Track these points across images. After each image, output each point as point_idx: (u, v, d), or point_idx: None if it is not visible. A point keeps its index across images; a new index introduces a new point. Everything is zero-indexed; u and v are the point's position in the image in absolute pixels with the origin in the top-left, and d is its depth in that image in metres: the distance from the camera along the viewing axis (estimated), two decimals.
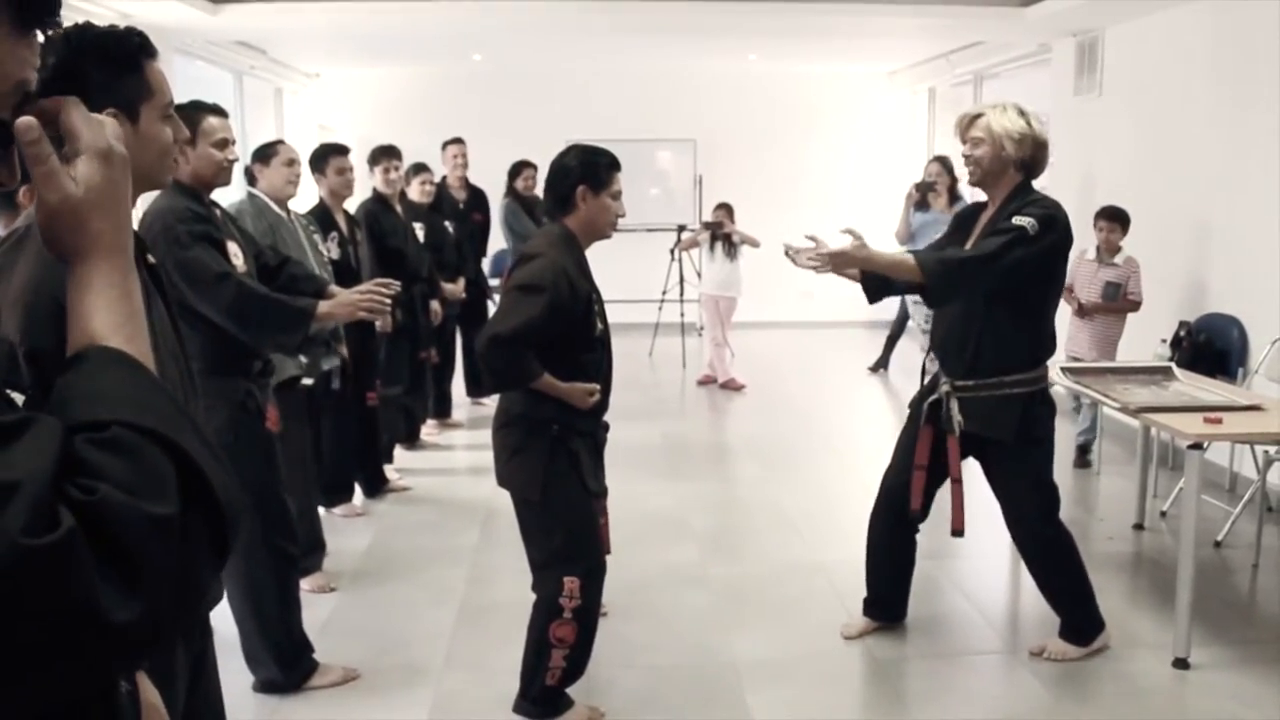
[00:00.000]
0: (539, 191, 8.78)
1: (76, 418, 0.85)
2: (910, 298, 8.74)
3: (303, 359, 4.51)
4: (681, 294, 10.17)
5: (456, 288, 6.94)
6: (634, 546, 5.06)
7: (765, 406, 8.41)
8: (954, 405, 3.75)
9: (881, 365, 9.63)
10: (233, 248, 3.48)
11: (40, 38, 0.99)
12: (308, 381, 4.56)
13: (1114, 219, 6.21)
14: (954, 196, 7.87)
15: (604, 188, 3.38)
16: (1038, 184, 3.78)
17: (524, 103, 11.64)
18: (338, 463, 5.39)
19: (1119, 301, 6.12)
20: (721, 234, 8.97)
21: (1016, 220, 3.52)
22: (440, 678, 3.71)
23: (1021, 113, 3.66)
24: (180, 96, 1.94)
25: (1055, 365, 5.16)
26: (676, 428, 7.77)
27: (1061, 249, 3.65)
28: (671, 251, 10.12)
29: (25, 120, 0.95)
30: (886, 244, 4.13)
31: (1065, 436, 7.12)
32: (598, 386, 3.30)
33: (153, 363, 0.99)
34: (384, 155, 6.17)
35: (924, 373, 4.03)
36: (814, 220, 12.69)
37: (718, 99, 11.91)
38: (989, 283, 3.57)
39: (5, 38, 0.95)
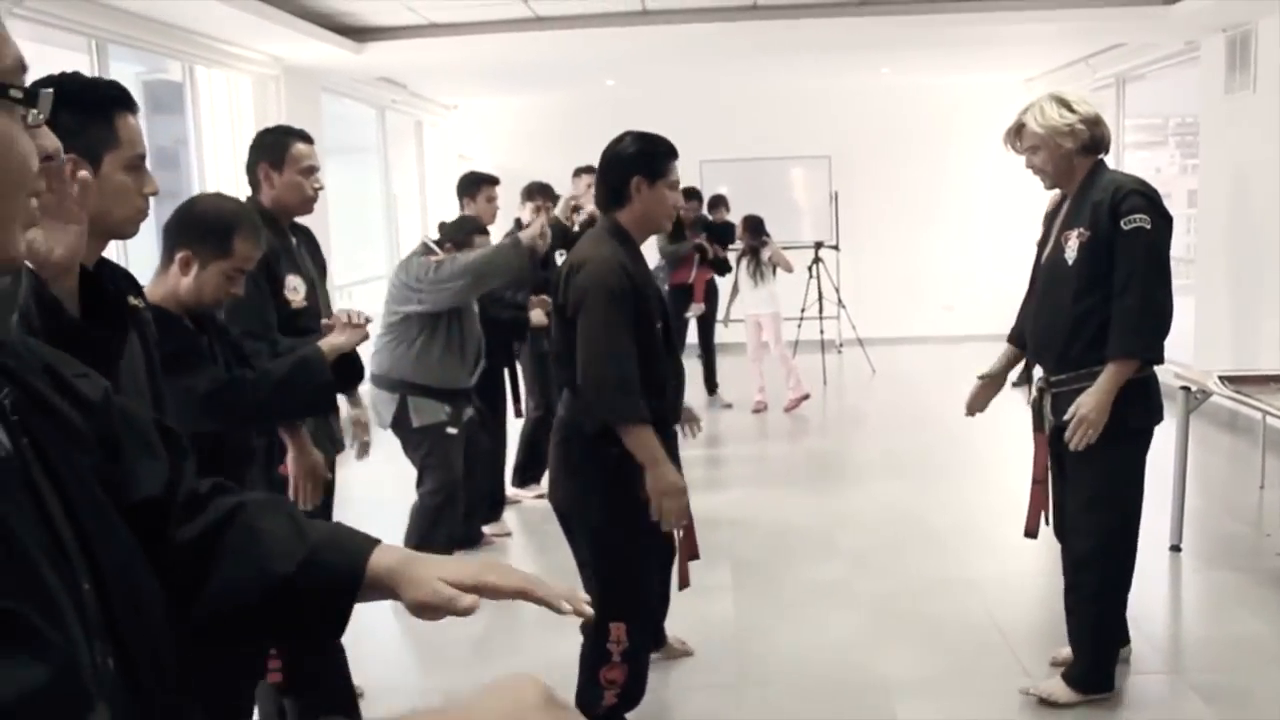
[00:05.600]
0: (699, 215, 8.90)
1: None
2: None
3: (447, 409, 4.72)
4: (820, 311, 10.14)
5: None
6: (782, 563, 5.07)
7: (908, 421, 8.30)
8: (1047, 402, 3.54)
9: (1026, 380, 9.37)
10: (293, 281, 3.38)
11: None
12: (452, 431, 4.76)
13: None
14: None
15: (661, 177, 3.15)
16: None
17: (657, 125, 11.38)
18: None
19: None
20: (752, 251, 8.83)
21: (1126, 224, 3.25)
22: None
23: (1059, 101, 3.43)
24: (328, 133, 2.00)
25: (1214, 375, 5.02)
26: (819, 444, 7.74)
27: (1171, 225, 3.38)
28: (810, 268, 10.08)
29: None
30: (1025, 256, 4.01)
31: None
32: (684, 486, 3.05)
33: None
34: (539, 193, 6.32)
35: (1029, 377, 3.82)
36: (952, 234, 12.44)
37: (851, 114, 11.82)
38: (1167, 288, 3.33)
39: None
